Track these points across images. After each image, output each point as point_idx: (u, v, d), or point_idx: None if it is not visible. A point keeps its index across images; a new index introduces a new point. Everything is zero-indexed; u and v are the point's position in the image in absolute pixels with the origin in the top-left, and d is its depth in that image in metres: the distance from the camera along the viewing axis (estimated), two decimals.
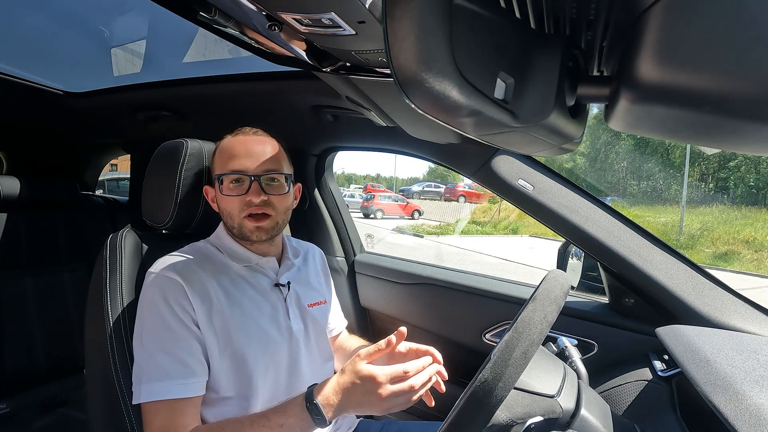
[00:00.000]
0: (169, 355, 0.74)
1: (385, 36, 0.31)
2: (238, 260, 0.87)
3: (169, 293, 0.76)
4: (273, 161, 0.84)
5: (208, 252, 0.87)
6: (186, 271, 0.79)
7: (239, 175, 0.82)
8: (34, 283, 1.58)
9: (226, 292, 0.81)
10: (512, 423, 0.57)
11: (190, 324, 0.76)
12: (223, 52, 1.54)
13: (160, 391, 0.72)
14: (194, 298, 0.77)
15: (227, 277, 0.84)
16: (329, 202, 1.58)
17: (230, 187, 0.82)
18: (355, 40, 0.62)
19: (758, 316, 0.88)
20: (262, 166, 0.83)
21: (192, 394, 0.74)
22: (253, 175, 0.82)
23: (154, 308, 0.76)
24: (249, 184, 0.82)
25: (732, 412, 0.55)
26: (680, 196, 17.38)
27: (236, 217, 0.83)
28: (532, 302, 0.50)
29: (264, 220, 0.83)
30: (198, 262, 0.83)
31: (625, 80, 0.28)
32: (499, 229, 15.32)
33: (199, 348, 0.77)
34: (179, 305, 0.76)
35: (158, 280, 0.77)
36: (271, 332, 0.84)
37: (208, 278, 0.81)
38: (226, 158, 0.83)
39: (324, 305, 0.99)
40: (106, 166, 2.32)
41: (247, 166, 0.82)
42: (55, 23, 2.14)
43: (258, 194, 0.81)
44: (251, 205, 0.81)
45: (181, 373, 0.73)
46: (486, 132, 0.40)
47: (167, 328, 0.75)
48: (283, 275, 0.91)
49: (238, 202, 0.82)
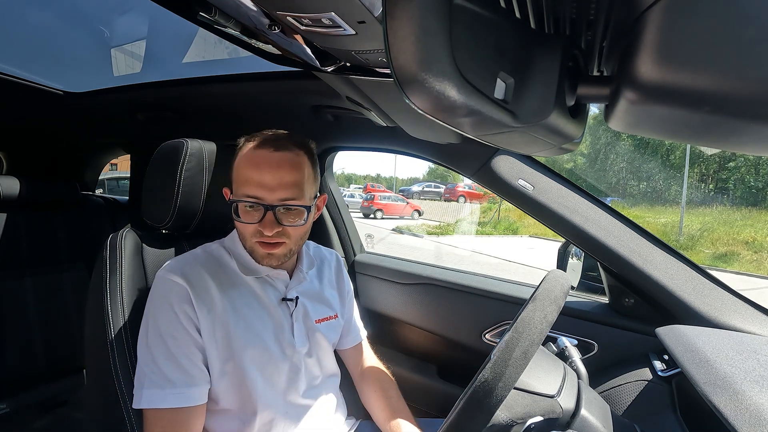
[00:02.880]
0: (172, 362, 0.73)
1: (385, 36, 0.31)
2: (248, 271, 0.84)
3: (174, 298, 0.75)
4: (292, 189, 0.76)
5: (220, 257, 0.85)
6: (193, 277, 0.77)
7: (254, 203, 0.76)
8: (34, 283, 1.57)
9: (231, 303, 0.79)
10: (512, 423, 0.57)
11: (193, 331, 0.75)
12: (223, 53, 1.54)
13: (160, 399, 0.71)
14: (198, 305, 0.76)
15: (235, 288, 0.82)
16: (329, 202, 1.58)
17: (245, 211, 0.77)
18: (355, 40, 0.62)
19: (758, 316, 0.88)
20: (278, 194, 0.75)
21: (192, 404, 0.73)
22: (267, 206, 0.75)
23: (160, 313, 0.75)
24: (263, 214, 0.76)
25: (732, 412, 0.55)
26: (680, 196, 17.39)
27: (248, 240, 0.80)
28: (532, 302, 0.50)
29: (276, 248, 0.79)
30: (207, 267, 0.81)
31: (625, 80, 0.28)
32: (499, 229, 15.32)
33: (201, 356, 0.76)
34: (182, 311, 0.75)
35: (164, 283, 0.76)
36: (272, 349, 0.82)
37: (215, 286, 0.79)
38: (243, 179, 0.77)
39: (334, 320, 0.95)
40: (106, 165, 2.32)
41: (262, 194, 0.75)
42: (55, 23, 2.14)
43: (271, 227, 0.76)
44: (263, 234, 0.77)
45: (182, 381, 0.72)
46: (486, 132, 0.40)
47: (171, 335, 0.74)
48: (293, 289, 0.88)
49: (252, 229, 0.78)
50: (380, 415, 0.94)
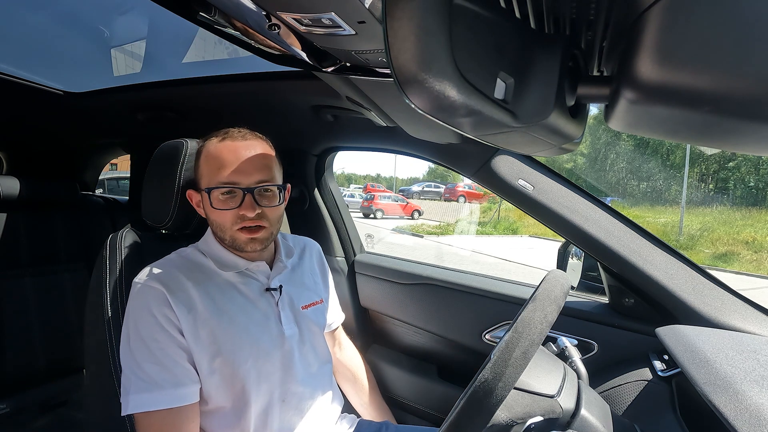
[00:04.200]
0: (157, 365, 0.72)
1: (385, 36, 0.31)
2: (226, 268, 0.84)
3: (152, 302, 0.75)
4: (266, 171, 0.80)
5: (195, 259, 0.85)
6: (169, 280, 0.77)
7: (231, 188, 0.78)
8: (34, 283, 1.57)
9: (213, 301, 0.79)
10: (512, 423, 0.57)
11: (175, 333, 0.75)
12: (223, 53, 1.54)
13: (148, 402, 0.71)
14: (177, 306, 0.75)
15: (214, 285, 0.82)
16: (329, 202, 1.58)
17: (221, 199, 0.78)
18: (355, 40, 0.62)
19: (758, 316, 0.88)
20: (254, 177, 0.79)
21: (182, 403, 0.73)
22: (245, 188, 0.78)
23: (139, 318, 0.75)
24: (242, 198, 0.78)
25: (732, 412, 0.55)
26: (680, 196, 17.39)
27: (228, 230, 0.80)
28: (532, 302, 0.50)
29: (258, 232, 0.81)
30: (183, 269, 0.80)
31: (625, 80, 0.28)
32: (499, 229, 15.32)
33: (186, 356, 0.75)
34: (162, 314, 0.74)
35: (141, 290, 0.76)
36: (261, 340, 0.82)
37: (193, 286, 0.79)
38: (214, 168, 0.78)
39: (320, 305, 0.97)
40: (106, 165, 2.32)
41: (239, 179, 0.78)
42: (55, 23, 2.14)
43: (252, 208, 0.78)
44: (245, 219, 0.78)
45: (169, 382, 0.72)
46: (486, 132, 0.40)
47: (153, 338, 0.73)
48: (275, 279, 0.89)
49: (231, 216, 0.79)
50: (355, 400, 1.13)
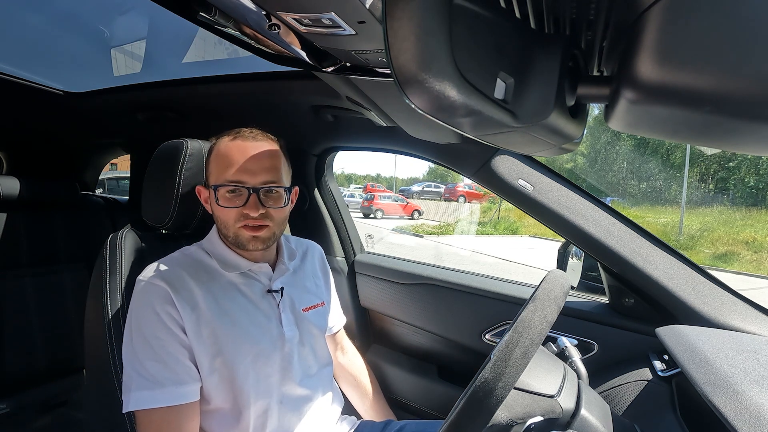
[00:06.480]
0: (159, 363, 0.73)
1: (385, 36, 0.31)
2: (229, 268, 0.84)
3: (156, 300, 0.75)
4: (272, 172, 0.81)
5: (199, 257, 0.85)
6: (173, 278, 0.78)
7: (237, 186, 0.79)
8: (34, 283, 1.57)
9: (215, 301, 0.80)
10: (512, 423, 0.57)
11: (178, 331, 0.75)
12: (223, 53, 1.54)
13: (149, 400, 0.71)
14: (181, 305, 0.76)
15: (218, 285, 0.82)
16: (329, 202, 1.58)
17: (227, 197, 0.80)
18: (355, 40, 0.62)
19: (758, 316, 0.88)
20: (260, 177, 0.80)
21: (183, 401, 0.73)
22: (251, 188, 0.79)
23: (142, 316, 0.75)
24: (247, 197, 0.79)
25: (732, 412, 0.55)
26: (680, 196, 17.38)
27: (232, 227, 0.81)
28: (532, 302, 0.50)
29: (261, 231, 0.81)
30: (187, 268, 0.81)
31: (625, 80, 0.28)
32: (499, 229, 15.32)
33: (187, 354, 0.76)
34: (166, 312, 0.75)
35: (145, 288, 0.76)
36: (261, 342, 0.82)
37: (196, 285, 0.79)
38: (223, 166, 0.80)
39: (321, 308, 0.97)
40: (106, 165, 2.32)
41: (245, 178, 0.79)
42: (56, 23, 2.14)
43: (256, 208, 0.79)
44: (248, 217, 0.79)
45: (170, 380, 0.72)
46: (486, 132, 0.40)
47: (155, 336, 0.74)
48: (277, 280, 0.89)
49: (235, 213, 0.80)
50: (358, 403, 1.13)
